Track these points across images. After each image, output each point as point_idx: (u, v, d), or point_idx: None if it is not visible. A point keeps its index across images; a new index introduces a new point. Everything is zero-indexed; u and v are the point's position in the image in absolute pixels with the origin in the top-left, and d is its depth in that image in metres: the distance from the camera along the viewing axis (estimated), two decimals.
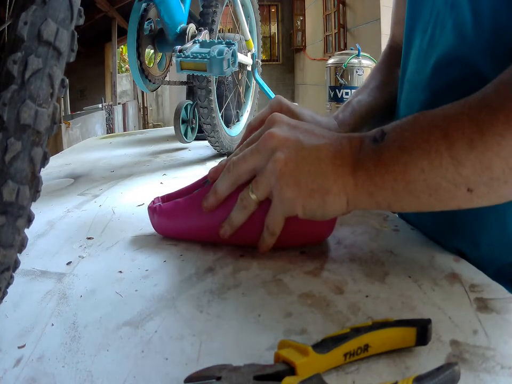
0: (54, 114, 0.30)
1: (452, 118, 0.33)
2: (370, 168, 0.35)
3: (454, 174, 0.32)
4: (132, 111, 7.99)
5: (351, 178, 0.36)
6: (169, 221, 0.47)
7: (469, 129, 0.32)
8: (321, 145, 0.38)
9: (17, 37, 0.28)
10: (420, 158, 0.33)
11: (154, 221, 0.48)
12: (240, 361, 0.26)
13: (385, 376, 0.26)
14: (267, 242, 0.41)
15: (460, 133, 0.32)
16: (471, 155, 0.31)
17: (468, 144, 0.32)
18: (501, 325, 0.31)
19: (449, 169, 0.32)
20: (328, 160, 0.37)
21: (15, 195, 0.28)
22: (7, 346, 0.31)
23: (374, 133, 0.37)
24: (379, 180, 0.35)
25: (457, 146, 0.32)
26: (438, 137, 0.33)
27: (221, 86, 1.16)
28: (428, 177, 0.33)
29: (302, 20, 8.63)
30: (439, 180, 0.33)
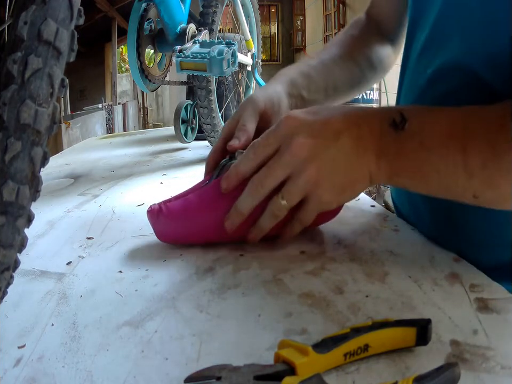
0: (54, 114, 0.30)
1: (471, 135, 0.35)
2: (391, 157, 0.37)
3: (464, 182, 0.35)
4: (132, 111, 7.99)
5: (374, 164, 0.38)
6: (180, 220, 0.43)
7: (485, 150, 0.34)
8: (345, 138, 0.38)
9: (17, 36, 0.28)
10: (437, 160, 0.35)
11: (159, 224, 0.44)
12: (240, 361, 0.26)
13: (385, 376, 0.26)
14: (296, 231, 0.43)
15: (477, 151, 0.34)
16: (482, 173, 0.34)
17: (482, 163, 0.34)
18: (501, 325, 0.31)
19: (461, 177, 0.35)
20: (352, 151, 0.38)
21: (15, 195, 0.28)
22: (7, 346, 0.31)
23: (392, 115, 0.37)
24: (398, 169, 0.37)
25: (472, 162, 0.34)
26: (456, 148, 0.35)
27: (221, 86, 1.16)
28: (441, 177, 0.36)
29: (302, 19, 8.64)
30: (451, 183, 0.36)
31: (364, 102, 3.62)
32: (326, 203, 0.40)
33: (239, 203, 0.41)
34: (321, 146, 0.38)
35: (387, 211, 0.56)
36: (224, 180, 0.42)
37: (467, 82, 0.41)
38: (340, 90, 0.59)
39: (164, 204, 0.44)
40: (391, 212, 0.56)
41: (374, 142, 0.38)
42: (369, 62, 0.60)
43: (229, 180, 0.41)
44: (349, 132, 0.38)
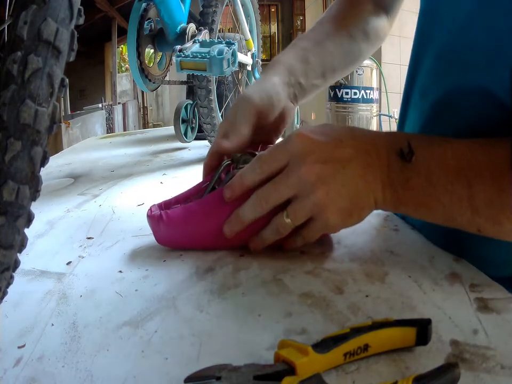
0: (53, 113, 0.30)
1: (477, 171, 0.35)
2: (398, 188, 0.38)
3: (469, 218, 0.36)
4: (131, 110, 7.99)
5: (380, 193, 0.38)
6: (180, 228, 0.43)
7: (490, 189, 0.34)
8: (354, 165, 0.38)
9: (17, 36, 0.28)
10: (443, 195, 0.36)
11: (159, 231, 0.44)
12: (240, 361, 0.26)
13: (385, 376, 0.26)
14: (297, 245, 0.42)
15: (482, 189, 0.35)
16: (487, 210, 0.35)
17: (487, 201, 0.34)
18: (501, 325, 0.31)
19: (467, 213, 0.35)
20: (361, 177, 0.38)
21: (15, 195, 0.28)
22: (7, 346, 0.31)
23: (400, 146, 0.37)
24: (404, 200, 0.38)
25: (477, 199, 0.35)
26: (462, 184, 0.35)
27: (221, 85, 1.16)
28: (447, 211, 0.36)
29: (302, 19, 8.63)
30: (456, 216, 0.36)
31: (363, 102, 3.62)
32: (331, 226, 0.40)
33: (242, 211, 0.40)
34: (330, 171, 0.38)
35: (387, 211, 0.56)
36: (228, 188, 0.41)
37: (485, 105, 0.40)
38: (338, 70, 0.57)
39: (164, 211, 0.43)
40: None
41: (381, 170, 0.38)
42: (364, 34, 0.58)
43: (233, 190, 0.41)
44: (359, 158, 0.38)
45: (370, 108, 3.70)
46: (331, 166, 0.38)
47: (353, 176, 0.38)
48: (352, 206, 0.39)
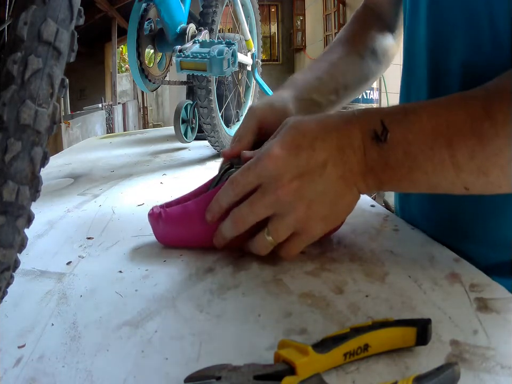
0: (54, 114, 0.30)
1: (456, 127, 0.34)
2: (378, 171, 0.37)
3: (453, 177, 0.35)
4: (131, 111, 7.99)
5: (362, 183, 0.38)
6: (178, 226, 0.44)
7: (471, 141, 0.34)
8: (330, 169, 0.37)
9: (17, 36, 0.28)
10: (424, 163, 0.35)
11: (159, 228, 0.45)
12: (240, 361, 0.26)
13: (385, 376, 0.26)
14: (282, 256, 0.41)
15: (463, 144, 0.34)
16: (471, 163, 0.34)
17: (469, 154, 0.34)
18: (501, 325, 0.31)
19: (450, 172, 0.35)
20: (339, 178, 0.38)
21: (15, 195, 0.28)
22: (7, 346, 0.31)
23: (373, 126, 0.37)
24: (386, 180, 0.38)
25: (459, 155, 0.34)
26: (442, 145, 0.34)
27: (221, 86, 1.16)
28: (430, 178, 0.36)
29: (302, 19, 8.63)
30: (440, 180, 0.36)
31: (364, 102, 3.62)
32: (316, 235, 0.39)
33: (223, 229, 0.41)
34: (307, 185, 0.37)
35: (387, 211, 0.56)
36: (208, 212, 0.41)
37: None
38: (350, 89, 0.59)
39: (164, 209, 0.44)
40: (391, 211, 0.56)
41: (358, 162, 0.37)
42: (374, 55, 0.61)
43: (212, 213, 0.41)
44: (333, 160, 0.37)
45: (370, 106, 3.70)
46: (307, 179, 0.37)
47: (331, 181, 0.37)
48: (337, 208, 0.39)
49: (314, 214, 0.38)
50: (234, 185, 0.40)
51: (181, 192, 0.48)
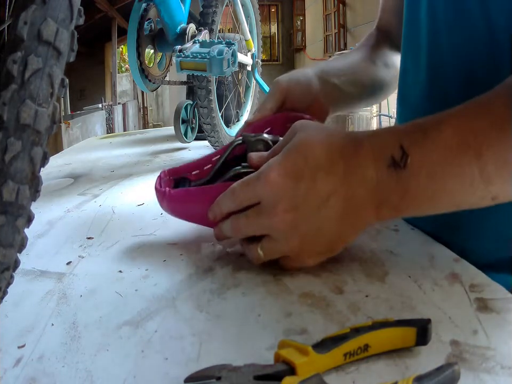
0: (53, 114, 0.30)
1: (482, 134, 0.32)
2: (395, 202, 0.34)
3: (483, 192, 0.32)
4: (131, 111, 7.99)
5: (373, 216, 0.35)
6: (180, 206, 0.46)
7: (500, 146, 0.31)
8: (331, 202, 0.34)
9: (17, 36, 0.28)
10: (451, 182, 0.32)
11: (163, 204, 0.47)
12: (240, 361, 0.26)
13: (385, 376, 0.26)
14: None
15: (491, 151, 0.31)
16: (501, 172, 0.31)
17: (499, 162, 0.31)
18: (501, 325, 0.31)
19: (480, 188, 0.32)
20: (342, 214, 0.35)
21: (15, 195, 0.28)
22: (7, 346, 0.31)
23: (390, 153, 0.33)
24: (404, 208, 0.34)
25: (489, 166, 0.31)
26: (471, 158, 0.31)
27: (221, 86, 1.16)
28: (456, 197, 0.33)
29: (302, 19, 8.64)
30: (467, 197, 0.33)
31: None
32: (309, 264, 0.38)
33: (223, 227, 0.40)
34: (303, 219, 0.35)
35: None
36: (211, 212, 0.41)
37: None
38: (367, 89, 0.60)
39: (168, 190, 0.45)
40: None
41: (370, 194, 0.34)
42: (387, 68, 0.62)
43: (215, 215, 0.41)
44: (336, 195, 0.34)
45: (370, 108, 3.70)
46: (303, 213, 0.35)
47: (330, 219, 0.35)
48: (332, 244, 0.37)
49: (307, 248, 0.37)
50: (234, 197, 0.39)
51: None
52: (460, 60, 0.44)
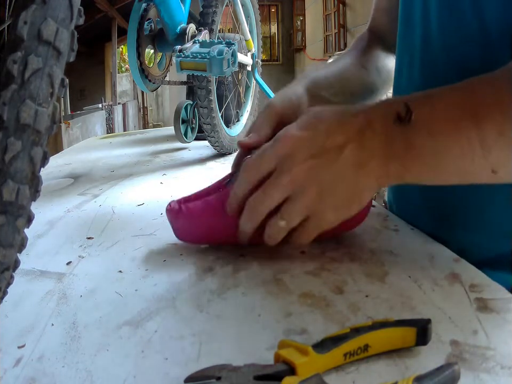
0: (54, 114, 0.30)
1: (482, 102, 0.33)
2: (400, 154, 0.35)
3: (481, 159, 0.33)
4: (131, 111, 7.99)
5: (382, 169, 0.36)
6: (200, 221, 0.43)
7: (499, 119, 0.32)
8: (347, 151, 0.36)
9: (17, 36, 0.28)
10: (451, 145, 0.34)
11: (178, 224, 0.44)
12: (240, 361, 0.26)
13: (385, 376, 0.26)
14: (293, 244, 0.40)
15: (490, 120, 0.32)
16: (499, 142, 0.32)
17: (498, 131, 0.32)
18: (501, 325, 0.31)
19: (478, 154, 0.33)
20: (356, 164, 0.36)
21: (15, 195, 0.28)
22: (7, 346, 0.31)
23: (396, 109, 0.35)
24: (409, 165, 0.36)
25: (487, 133, 0.32)
26: (469, 126, 0.33)
27: (221, 86, 1.16)
28: (457, 162, 0.34)
29: (302, 19, 8.64)
30: (468, 165, 0.34)
31: None
32: (328, 223, 0.38)
33: (242, 223, 0.40)
34: (321, 166, 0.36)
35: (387, 211, 0.56)
36: (228, 206, 0.41)
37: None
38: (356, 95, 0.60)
39: (184, 204, 0.43)
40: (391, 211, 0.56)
41: (379, 146, 0.36)
42: (377, 71, 0.62)
43: (230, 205, 0.41)
44: (351, 144, 0.36)
45: None
46: (323, 159, 0.36)
47: (346, 165, 0.36)
48: (350, 195, 0.37)
49: (326, 199, 0.37)
50: (248, 171, 0.39)
51: (181, 192, 0.48)
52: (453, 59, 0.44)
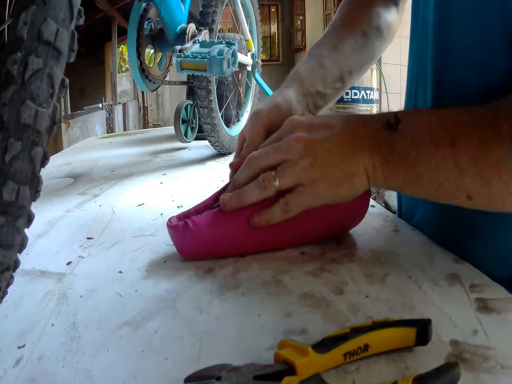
0: (54, 114, 0.30)
1: (461, 128, 0.35)
2: (385, 153, 0.38)
3: (456, 179, 0.35)
4: (132, 110, 7.99)
5: (370, 161, 0.39)
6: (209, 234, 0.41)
7: (474, 144, 0.34)
8: (341, 133, 0.40)
9: (17, 37, 0.28)
10: (428, 157, 0.36)
11: (184, 240, 0.42)
12: (240, 361, 0.26)
13: (385, 376, 0.26)
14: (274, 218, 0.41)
15: (465, 145, 0.34)
16: (472, 168, 0.34)
17: (471, 158, 0.34)
18: (501, 325, 0.31)
19: (453, 174, 0.35)
20: (349, 145, 0.39)
21: (15, 195, 0.28)
22: (7, 346, 0.31)
23: (387, 117, 0.39)
24: (392, 167, 0.38)
25: (461, 157, 0.34)
26: (446, 144, 0.35)
27: (221, 86, 1.16)
28: (434, 175, 0.36)
29: (302, 19, 8.63)
30: (443, 180, 0.36)
31: (364, 102, 3.61)
32: (320, 195, 0.40)
33: (236, 176, 0.43)
34: (317, 139, 0.40)
35: (387, 211, 0.56)
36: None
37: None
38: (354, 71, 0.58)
39: (190, 219, 0.41)
40: (391, 212, 0.56)
41: (368, 138, 0.39)
42: (378, 31, 0.59)
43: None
44: (346, 128, 0.40)
45: (371, 108, 3.70)
46: (318, 134, 0.40)
47: (340, 143, 0.39)
48: (341, 172, 0.39)
49: (319, 168, 0.39)
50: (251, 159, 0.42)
51: (181, 192, 0.48)
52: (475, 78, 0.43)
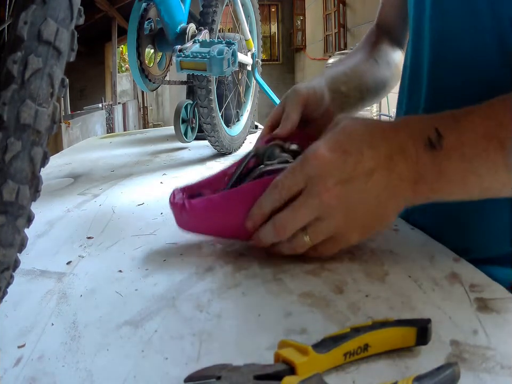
0: (54, 114, 0.30)
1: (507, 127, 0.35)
2: (431, 179, 0.36)
3: (504, 178, 0.35)
4: (132, 110, 7.99)
5: (411, 191, 0.37)
6: (202, 218, 0.43)
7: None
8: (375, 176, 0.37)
9: (17, 36, 0.28)
10: (479, 165, 0.35)
11: (182, 219, 0.44)
12: (240, 361, 0.26)
13: (385, 376, 0.26)
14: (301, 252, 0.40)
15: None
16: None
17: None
18: (501, 325, 0.31)
19: (503, 174, 0.35)
20: (385, 188, 0.37)
21: (15, 195, 0.28)
22: (7, 345, 0.31)
23: (427, 135, 0.36)
24: (438, 188, 0.37)
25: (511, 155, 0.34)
26: (496, 147, 0.35)
27: (221, 85, 1.16)
28: (483, 181, 0.36)
29: (302, 19, 8.64)
30: (492, 183, 0.36)
31: None
32: (351, 241, 0.39)
33: (263, 233, 0.40)
34: (350, 193, 0.37)
35: None
36: (249, 220, 0.40)
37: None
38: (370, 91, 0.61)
39: (188, 200, 0.43)
40: None
41: (409, 169, 0.36)
42: (387, 64, 0.63)
43: (254, 221, 0.40)
44: (381, 168, 0.37)
45: (371, 108, 3.70)
46: (352, 186, 0.37)
47: (376, 190, 0.37)
48: (377, 218, 0.38)
49: (353, 222, 0.38)
50: (279, 188, 0.38)
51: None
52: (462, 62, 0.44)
